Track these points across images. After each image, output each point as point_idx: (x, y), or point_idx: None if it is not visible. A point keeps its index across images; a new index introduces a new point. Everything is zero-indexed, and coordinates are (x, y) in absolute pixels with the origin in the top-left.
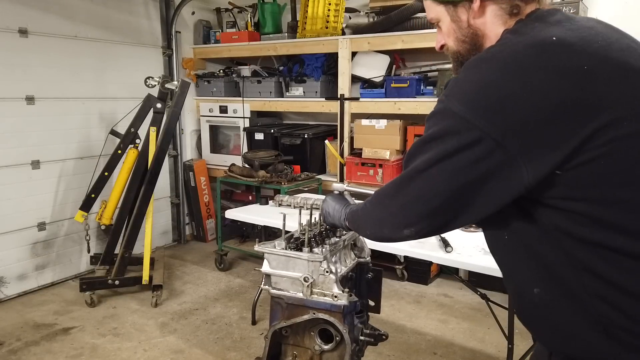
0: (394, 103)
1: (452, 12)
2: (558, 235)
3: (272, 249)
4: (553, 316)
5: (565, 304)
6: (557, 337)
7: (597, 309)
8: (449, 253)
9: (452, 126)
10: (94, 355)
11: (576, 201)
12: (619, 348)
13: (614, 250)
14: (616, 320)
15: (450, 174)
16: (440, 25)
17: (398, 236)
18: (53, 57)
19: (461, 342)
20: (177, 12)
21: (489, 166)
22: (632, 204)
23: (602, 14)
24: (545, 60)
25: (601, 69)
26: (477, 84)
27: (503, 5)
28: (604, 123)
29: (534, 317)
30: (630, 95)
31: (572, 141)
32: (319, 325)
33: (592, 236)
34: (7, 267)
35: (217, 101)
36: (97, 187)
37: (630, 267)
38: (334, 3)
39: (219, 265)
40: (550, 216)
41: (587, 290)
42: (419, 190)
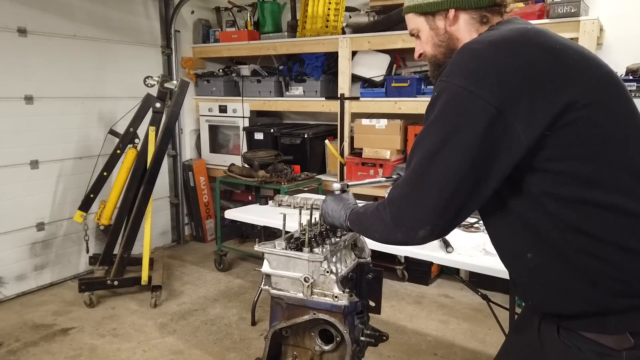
0: (394, 102)
1: (431, 21)
2: (542, 199)
3: (272, 249)
4: (546, 275)
5: (555, 262)
6: (551, 296)
7: (583, 262)
8: (449, 253)
9: (456, 99)
10: (93, 355)
11: (561, 161)
12: (606, 296)
13: (593, 205)
14: (601, 270)
15: (461, 151)
16: (420, 35)
17: (412, 239)
18: (52, 57)
19: (462, 343)
20: (177, 11)
21: (493, 135)
22: (607, 160)
23: (602, 13)
24: (528, 40)
25: (568, 49)
26: (475, 60)
27: (474, 15)
28: (580, 90)
29: (529, 280)
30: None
31: (557, 104)
32: (320, 326)
33: (573, 194)
34: (6, 267)
35: (216, 101)
36: (96, 187)
37: (607, 220)
38: (334, 2)
39: (219, 266)
40: (535, 181)
41: (572, 246)
42: (435, 178)
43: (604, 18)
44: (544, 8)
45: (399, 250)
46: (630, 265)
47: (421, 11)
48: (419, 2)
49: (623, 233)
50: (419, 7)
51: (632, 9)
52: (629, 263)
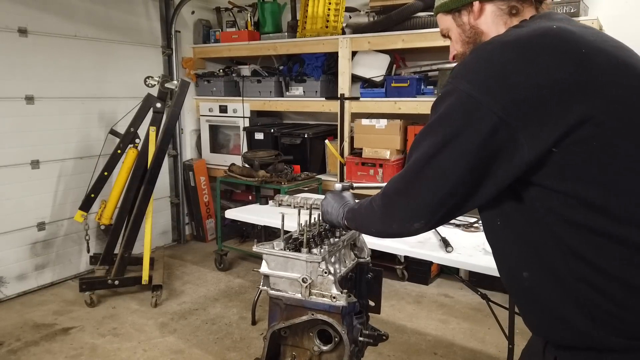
0: (394, 103)
1: (457, 18)
2: (547, 218)
3: (271, 249)
4: (541, 299)
5: (553, 287)
6: (545, 321)
7: (582, 292)
8: (449, 253)
9: (459, 104)
10: (94, 355)
11: (567, 181)
12: (603, 332)
13: (600, 234)
14: (601, 305)
15: (459, 156)
16: (450, 35)
17: (407, 231)
18: (53, 57)
19: (462, 342)
20: (177, 12)
21: (494, 144)
22: (619, 187)
23: (602, 13)
24: (548, 42)
25: (597, 55)
26: (483, 63)
27: (501, 5)
28: (598, 104)
29: (524, 301)
30: (620, 83)
31: (569, 118)
32: (318, 326)
33: (579, 218)
34: (6, 267)
35: (216, 101)
36: (97, 187)
37: (614, 252)
38: (334, 2)
39: (219, 265)
40: (541, 198)
41: (572, 274)
42: (429, 179)
43: (604, 18)
44: None
45: (399, 250)
46: (632, 304)
47: (447, 9)
48: (444, 0)
49: (630, 269)
50: (445, 5)
51: (631, 9)
52: (632, 302)
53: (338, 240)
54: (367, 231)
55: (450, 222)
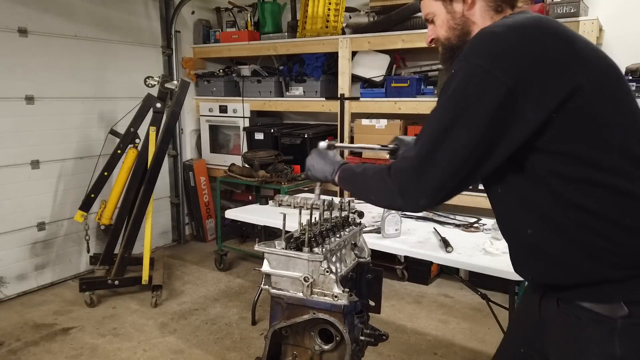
0: (394, 103)
1: (448, 5)
2: (548, 179)
3: (272, 248)
4: (547, 250)
5: (556, 238)
6: (552, 269)
7: (583, 237)
8: (449, 253)
9: (472, 76)
10: (94, 355)
11: (566, 143)
12: (604, 267)
13: (595, 185)
14: (600, 245)
15: (473, 128)
16: (435, 19)
17: (412, 207)
18: (53, 57)
19: (462, 342)
20: (177, 12)
21: (505, 112)
22: (608, 144)
23: (602, 13)
24: (542, 26)
25: (577, 38)
26: (492, 42)
27: (490, 2)
28: (585, 77)
29: (530, 255)
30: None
31: (565, 88)
32: (319, 325)
33: (577, 174)
34: (6, 267)
35: (216, 101)
36: (97, 187)
37: (609, 199)
38: (334, 2)
39: (219, 265)
40: (540, 161)
41: (574, 223)
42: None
43: (604, 18)
44: (543, 8)
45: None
46: (625, 240)
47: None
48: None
49: (620, 211)
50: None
51: (631, 9)
52: (625, 238)
53: (339, 240)
54: (364, 196)
55: (450, 222)
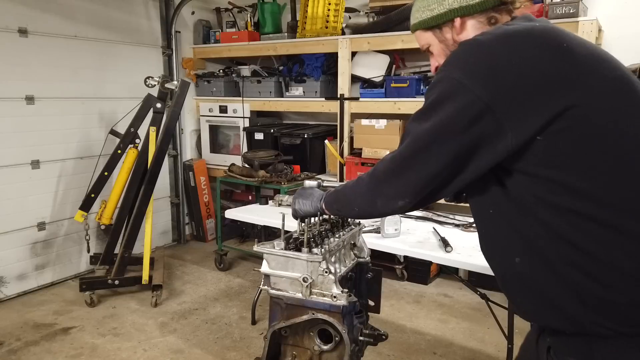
0: (393, 103)
1: (439, 34)
2: (535, 205)
3: (271, 249)
4: (533, 285)
5: (543, 273)
6: (538, 307)
7: (571, 276)
8: (448, 253)
9: (449, 91)
10: (94, 355)
11: (552, 168)
12: (593, 316)
13: (585, 218)
14: (590, 288)
15: (446, 141)
16: (431, 49)
17: (392, 208)
18: (53, 57)
19: (461, 342)
20: (177, 12)
21: (479, 131)
22: (599, 172)
23: (602, 13)
24: (533, 36)
25: (578, 47)
26: (472, 53)
27: (480, 19)
28: (580, 94)
29: (517, 287)
30: (599, 74)
31: (552, 108)
32: (318, 326)
33: (565, 204)
34: (6, 266)
35: (216, 101)
36: (97, 187)
37: (600, 236)
38: (334, 3)
39: (219, 265)
40: (528, 186)
41: (561, 258)
42: (417, 162)
43: (603, 18)
44: (542, 9)
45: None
46: (620, 287)
47: (427, 26)
48: (423, 18)
49: (616, 252)
50: (424, 23)
51: (631, 10)
52: (620, 285)
53: (338, 240)
54: (349, 211)
55: (449, 222)
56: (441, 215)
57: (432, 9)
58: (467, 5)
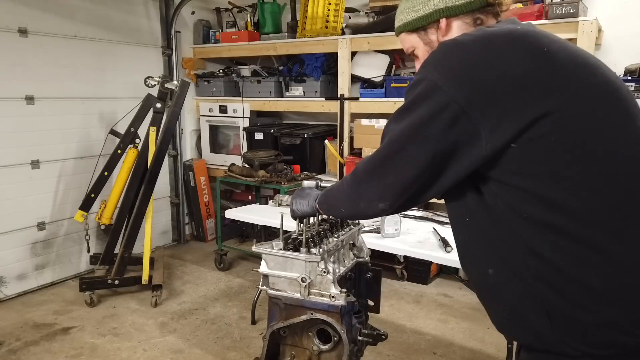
0: (393, 103)
1: (424, 36)
2: (507, 214)
3: (270, 249)
4: (504, 297)
5: (514, 286)
6: (510, 321)
7: (540, 291)
8: (448, 253)
9: (425, 92)
10: (94, 355)
11: (525, 178)
12: (559, 333)
13: (557, 232)
14: (557, 304)
15: (422, 143)
16: (416, 52)
17: (374, 211)
18: (53, 57)
19: (461, 342)
20: (177, 12)
21: (454, 134)
22: (575, 185)
23: (602, 13)
24: (512, 40)
25: (559, 52)
26: (450, 54)
27: (466, 19)
28: (559, 101)
29: (491, 298)
30: (581, 79)
31: (529, 113)
32: (317, 326)
33: (537, 215)
34: (6, 266)
35: (216, 101)
36: (97, 187)
37: (571, 251)
38: (334, 3)
39: (219, 265)
40: (501, 194)
41: (531, 272)
42: (396, 164)
43: (603, 18)
44: (542, 9)
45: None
46: (588, 305)
47: (412, 28)
48: (408, 19)
49: (586, 269)
50: (409, 25)
51: (630, 10)
52: (587, 303)
53: (337, 240)
54: (336, 211)
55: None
56: (441, 215)
57: (417, 10)
58: (452, 5)
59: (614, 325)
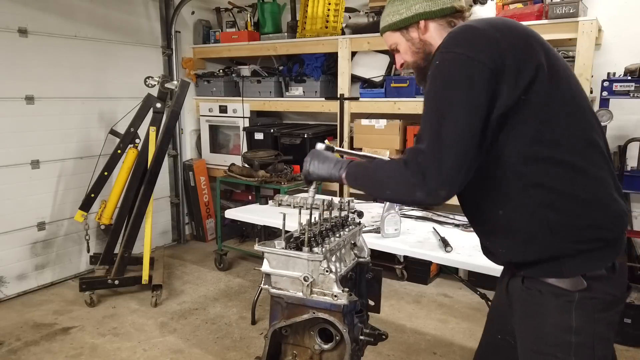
0: (393, 103)
1: (406, 34)
2: (512, 160)
3: (272, 248)
4: (514, 229)
5: (520, 215)
6: (518, 245)
7: (542, 213)
8: (448, 253)
9: (459, 64)
10: (94, 355)
11: (527, 123)
12: (562, 242)
13: (550, 163)
14: (558, 220)
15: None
16: (398, 48)
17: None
18: (53, 57)
19: (461, 342)
20: (177, 12)
21: (490, 92)
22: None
23: (602, 13)
24: (503, 21)
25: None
26: (469, 33)
27: (441, 22)
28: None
29: (501, 235)
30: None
31: (531, 68)
32: (319, 325)
33: (538, 153)
34: (6, 266)
35: (216, 101)
36: (97, 187)
37: (561, 174)
38: (334, 3)
39: (219, 265)
40: (508, 142)
41: (534, 200)
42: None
43: (603, 19)
44: (542, 9)
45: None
46: (581, 213)
47: (396, 28)
48: (392, 20)
49: (575, 186)
50: (394, 25)
51: (630, 10)
52: (581, 211)
53: (339, 240)
54: (378, 191)
55: (449, 221)
56: (441, 215)
57: (401, 13)
58: (430, 11)
59: (598, 224)
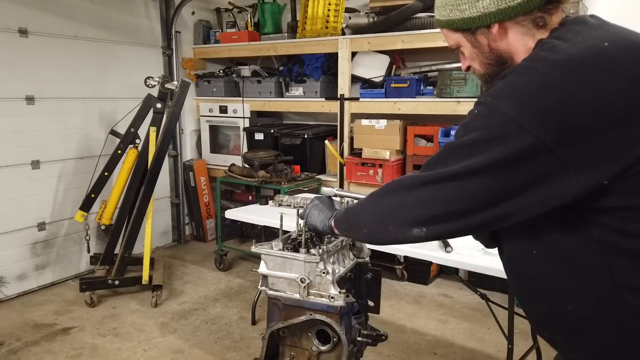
0: (393, 103)
1: (471, 38)
2: (602, 247)
3: (269, 250)
4: (591, 335)
5: (603, 321)
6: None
7: (637, 328)
8: (448, 253)
9: (500, 130)
10: (94, 355)
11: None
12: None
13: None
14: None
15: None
16: (462, 50)
17: (403, 236)
18: (53, 57)
19: (461, 342)
20: (177, 12)
21: (535, 173)
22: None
23: (602, 14)
24: (608, 62)
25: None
26: (534, 86)
27: (525, 22)
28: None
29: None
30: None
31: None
32: (316, 326)
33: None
34: (7, 267)
35: (217, 101)
36: (97, 187)
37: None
38: (334, 3)
39: (219, 265)
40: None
41: (628, 308)
42: (447, 193)
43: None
44: None
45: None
46: None
47: (455, 27)
48: (451, 17)
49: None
50: (452, 23)
51: (631, 10)
52: None
53: (337, 241)
54: (356, 232)
55: None
56: None
57: (463, 9)
58: (506, 7)
59: None
